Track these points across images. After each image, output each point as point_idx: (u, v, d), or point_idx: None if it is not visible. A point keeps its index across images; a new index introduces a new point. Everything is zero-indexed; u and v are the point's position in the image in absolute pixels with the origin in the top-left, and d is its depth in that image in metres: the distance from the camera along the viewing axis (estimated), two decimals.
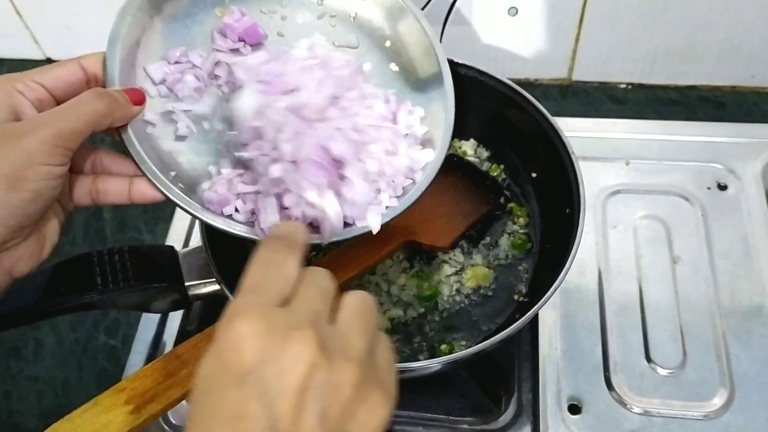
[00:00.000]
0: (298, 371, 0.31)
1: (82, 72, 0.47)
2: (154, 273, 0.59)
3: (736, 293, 0.70)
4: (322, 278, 0.37)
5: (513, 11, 0.86)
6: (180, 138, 0.51)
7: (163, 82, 0.51)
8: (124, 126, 0.48)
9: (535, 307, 0.56)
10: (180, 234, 0.81)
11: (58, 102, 0.46)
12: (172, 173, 0.49)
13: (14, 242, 0.44)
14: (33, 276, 0.57)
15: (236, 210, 0.50)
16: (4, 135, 0.42)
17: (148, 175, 0.47)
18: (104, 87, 0.47)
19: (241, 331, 0.32)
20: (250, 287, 0.36)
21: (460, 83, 0.58)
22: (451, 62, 0.58)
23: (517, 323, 0.56)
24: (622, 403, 0.64)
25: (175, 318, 0.75)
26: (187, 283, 0.60)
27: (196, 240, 0.80)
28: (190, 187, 0.50)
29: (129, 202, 0.49)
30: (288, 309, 0.34)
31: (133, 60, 0.50)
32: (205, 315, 0.75)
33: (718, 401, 0.64)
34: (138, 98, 0.48)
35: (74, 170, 0.49)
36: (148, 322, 0.75)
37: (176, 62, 0.51)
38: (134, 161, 0.47)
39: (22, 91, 0.45)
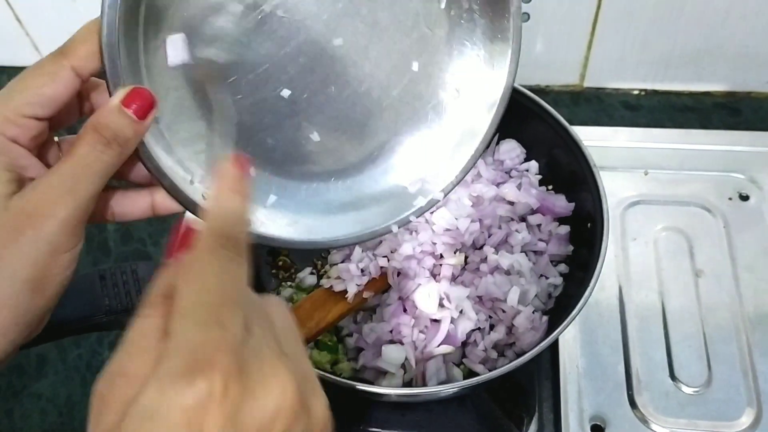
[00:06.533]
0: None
1: (78, 80, 0.40)
2: None
3: (761, 307, 0.68)
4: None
5: (525, 17, 0.84)
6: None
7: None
8: None
9: (558, 330, 0.54)
10: None
11: (53, 124, 0.40)
12: (191, 178, 0.45)
13: None
14: None
15: None
16: (17, 223, 0.36)
17: (167, 188, 0.43)
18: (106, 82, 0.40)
19: (213, 394, 0.26)
20: (209, 311, 0.28)
21: None
22: None
23: (539, 346, 0.54)
24: (647, 423, 0.63)
25: None
26: None
27: None
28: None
29: (153, 215, 0.45)
30: (253, 340, 0.29)
31: (135, 36, 0.41)
32: None
33: (745, 420, 0.62)
34: (146, 107, 0.40)
35: None
36: None
37: None
38: (149, 170, 0.42)
39: (15, 137, 0.38)
